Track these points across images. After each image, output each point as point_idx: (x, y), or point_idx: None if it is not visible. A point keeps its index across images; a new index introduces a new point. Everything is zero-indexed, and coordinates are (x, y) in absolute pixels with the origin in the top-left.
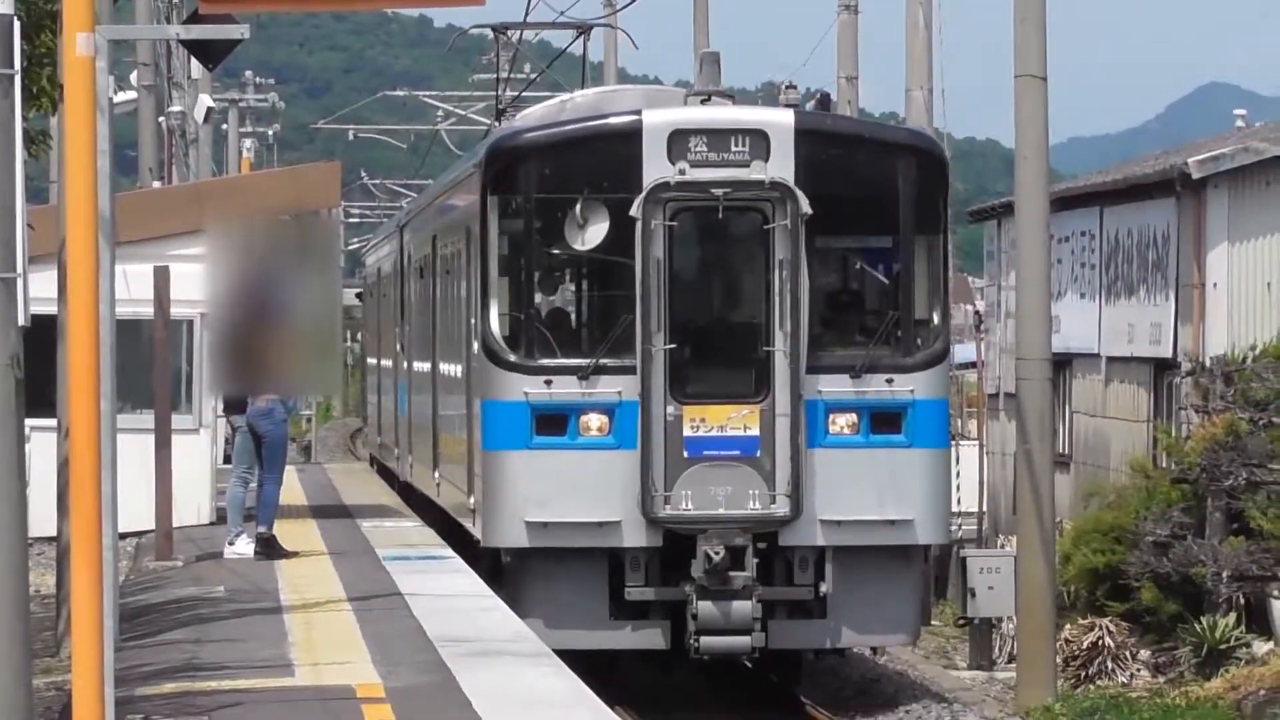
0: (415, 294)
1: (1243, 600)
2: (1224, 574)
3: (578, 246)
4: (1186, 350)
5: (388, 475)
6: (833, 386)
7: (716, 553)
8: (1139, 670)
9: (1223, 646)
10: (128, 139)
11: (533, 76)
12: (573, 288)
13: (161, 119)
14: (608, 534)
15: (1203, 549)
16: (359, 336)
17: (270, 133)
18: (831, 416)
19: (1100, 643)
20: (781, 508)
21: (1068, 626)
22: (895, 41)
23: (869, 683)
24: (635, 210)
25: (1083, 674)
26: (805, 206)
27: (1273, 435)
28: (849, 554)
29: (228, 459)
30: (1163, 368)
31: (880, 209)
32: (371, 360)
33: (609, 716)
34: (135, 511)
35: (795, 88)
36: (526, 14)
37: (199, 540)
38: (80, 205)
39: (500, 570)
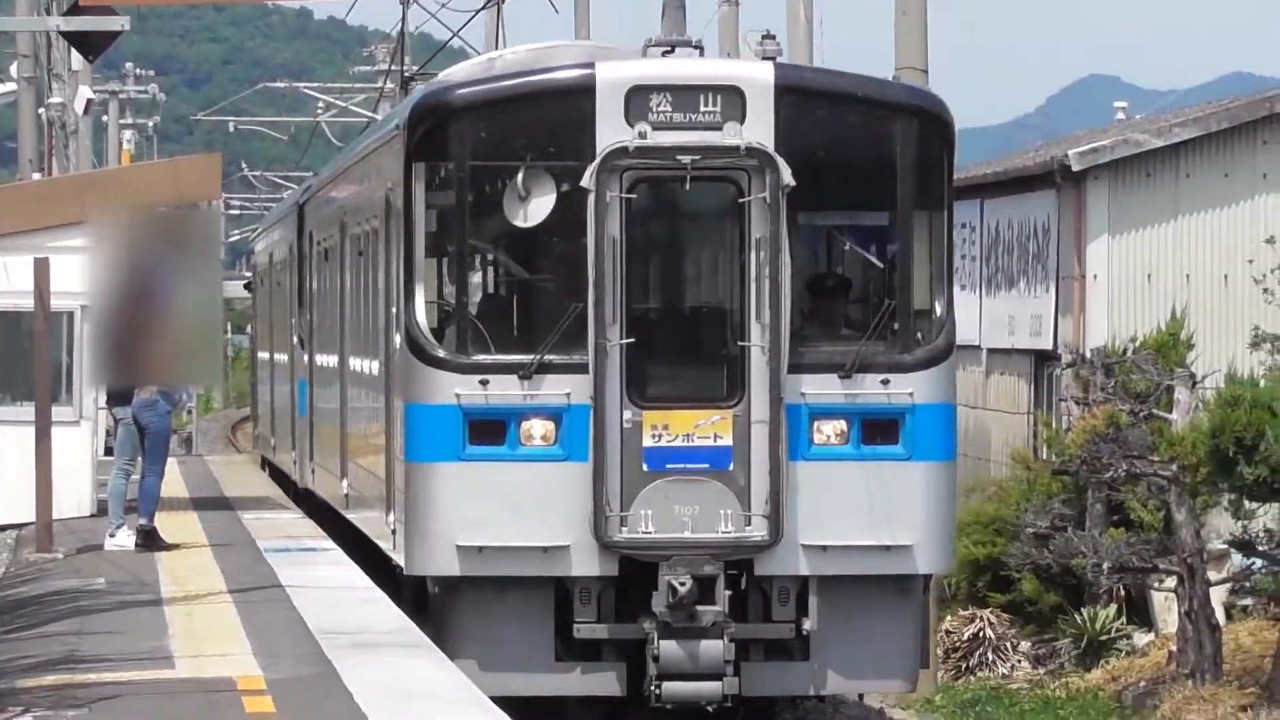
0: (318, 280)
1: (1123, 592)
2: (1104, 565)
3: (519, 223)
4: (1067, 342)
5: (283, 479)
6: (818, 388)
7: (682, 583)
8: (1020, 661)
9: (1103, 638)
10: (7, 130)
11: (442, 43)
12: (513, 272)
13: (41, 110)
14: (554, 561)
15: (1083, 540)
16: (248, 329)
17: (150, 124)
18: (817, 424)
19: (981, 634)
20: (758, 531)
21: (949, 618)
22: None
23: None
24: (587, 180)
25: (964, 665)
26: (787, 177)
27: (1153, 427)
28: (836, 585)
29: (109, 451)
30: (1043, 359)
31: (875, 180)
32: (263, 354)
33: (492, 710)
34: (15, 503)
35: (774, 37)
36: None
37: (80, 532)
38: None
39: (426, 602)
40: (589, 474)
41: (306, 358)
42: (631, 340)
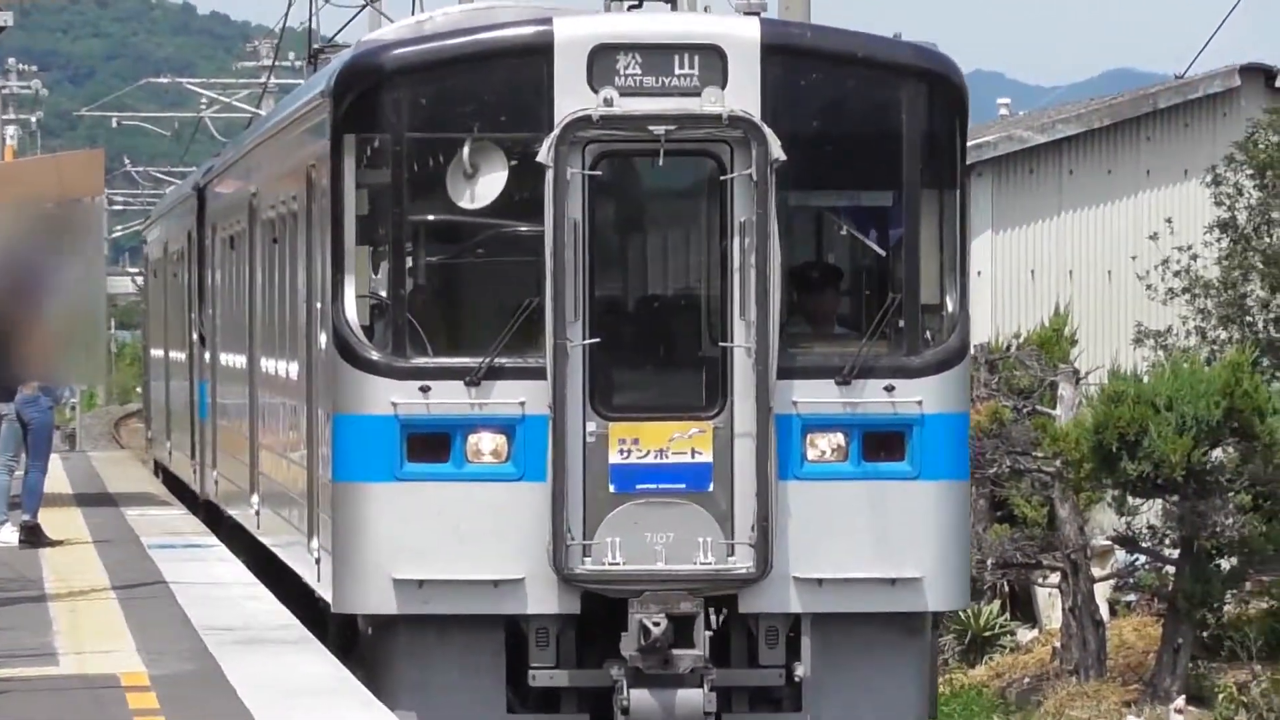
0: (222, 271)
1: (1007, 588)
2: (988, 561)
3: (465, 204)
4: None
5: (178, 487)
6: (812, 396)
7: (655, 623)
8: None
9: (987, 634)
10: None
11: (360, 6)
12: (458, 261)
13: None
14: (506, 597)
15: None
16: (139, 323)
17: (33, 120)
18: (810, 437)
19: None
20: (743, 562)
21: None
22: None
23: None
24: (545, 155)
25: None
26: (776, 150)
27: (1036, 423)
28: (833, 624)
29: None
30: None
31: (878, 154)
32: (156, 351)
33: (372, 704)
34: None
35: None
36: None
37: None
38: None
39: (355, 643)
40: (546, 496)
41: (208, 356)
42: (596, 340)
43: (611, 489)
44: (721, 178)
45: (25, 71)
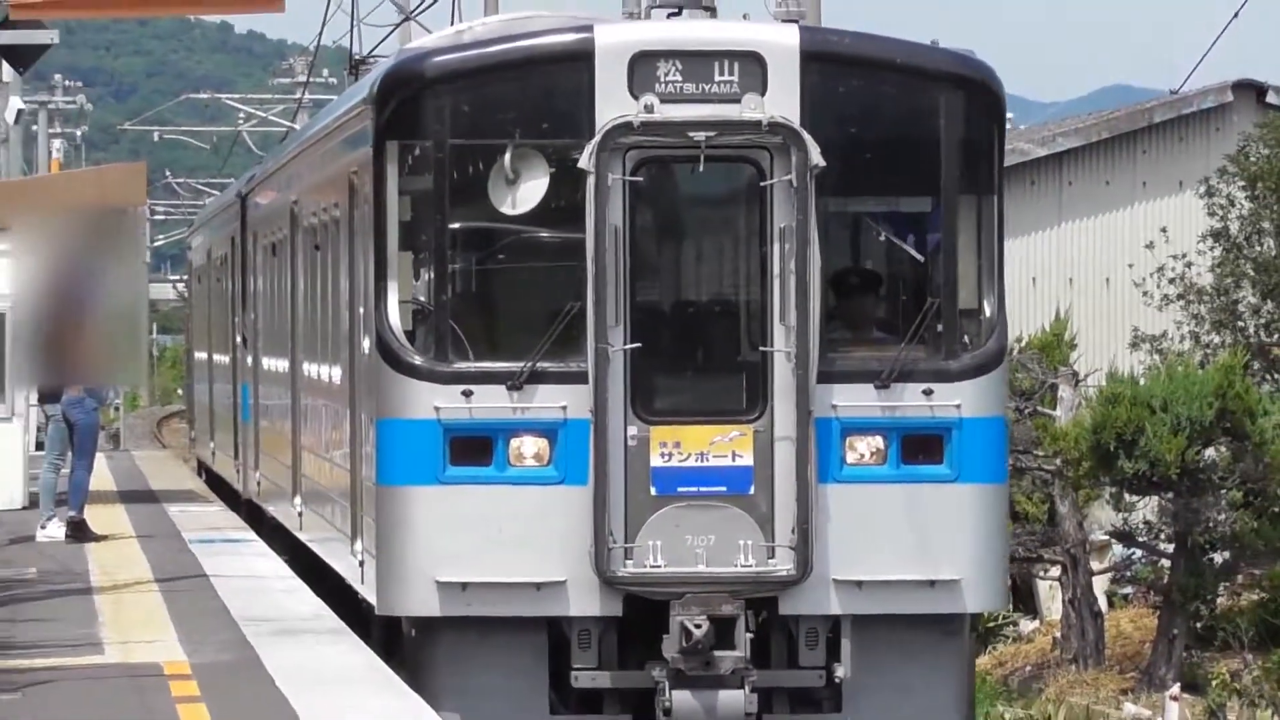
0: (264, 277)
1: (1010, 581)
2: None
3: (507, 210)
4: None
5: (219, 486)
6: (851, 400)
7: (697, 625)
8: None
9: (990, 625)
10: None
11: (399, 20)
12: (500, 266)
13: None
14: (548, 599)
15: None
16: (184, 327)
17: (78, 134)
18: (850, 440)
19: None
20: (783, 564)
21: None
22: None
23: None
24: (586, 161)
25: None
26: (816, 157)
27: (1037, 423)
28: (872, 626)
29: (40, 445)
30: None
31: (916, 161)
32: (200, 354)
33: (404, 692)
34: None
35: None
36: None
37: (11, 524)
38: None
39: (399, 643)
40: (588, 499)
41: (250, 360)
42: (637, 345)
43: (653, 492)
44: (761, 183)
45: (70, 88)
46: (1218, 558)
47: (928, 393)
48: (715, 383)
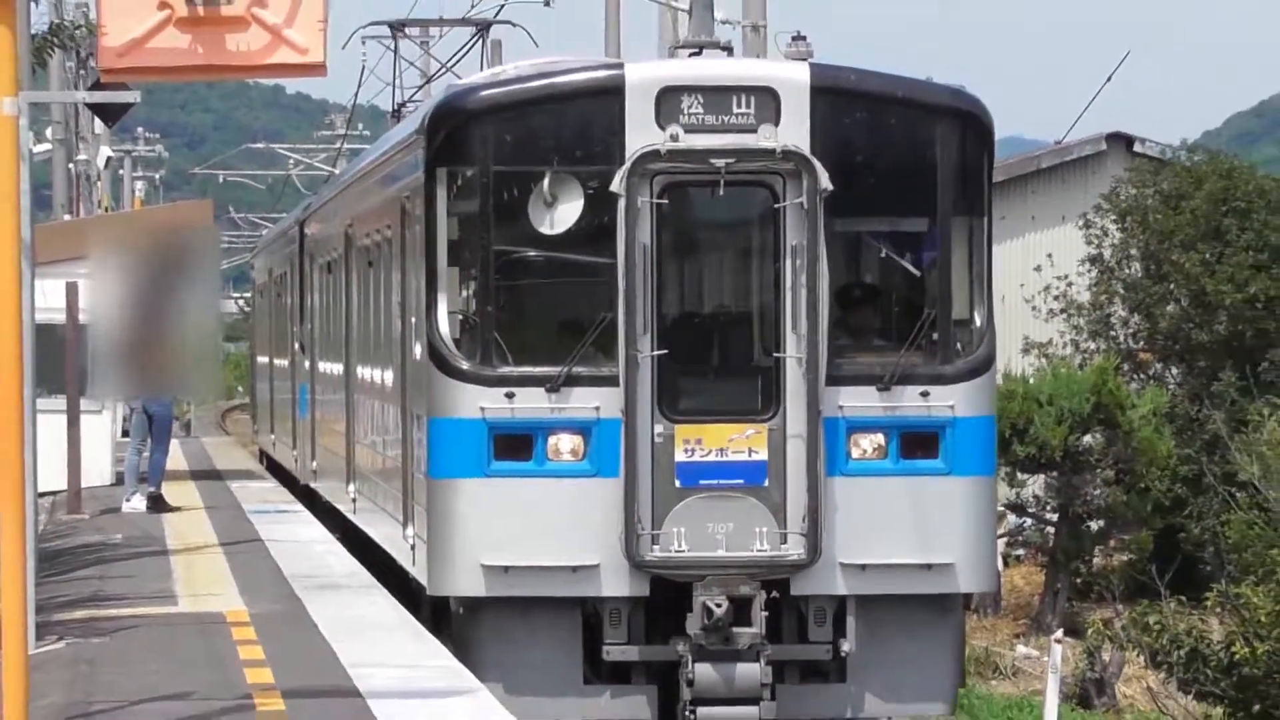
0: (320, 293)
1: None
2: None
3: (545, 230)
4: None
5: (278, 471)
6: (856, 401)
7: (717, 604)
8: None
9: None
10: (43, 181)
11: (436, 71)
12: (539, 280)
13: (70, 165)
14: (583, 581)
15: None
16: (248, 335)
17: (157, 177)
18: (854, 437)
19: None
20: (795, 549)
21: None
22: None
23: None
24: (617, 185)
25: None
26: (825, 181)
27: None
28: (875, 605)
29: (125, 433)
30: None
31: (915, 185)
32: (262, 359)
33: (424, 636)
34: (51, 475)
35: (804, 38)
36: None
37: (101, 498)
38: (6, 233)
39: (447, 619)
40: (619, 490)
41: (307, 364)
42: (663, 351)
43: (677, 484)
44: (775, 206)
45: (150, 138)
46: (1094, 525)
47: (925, 394)
48: (733, 385)
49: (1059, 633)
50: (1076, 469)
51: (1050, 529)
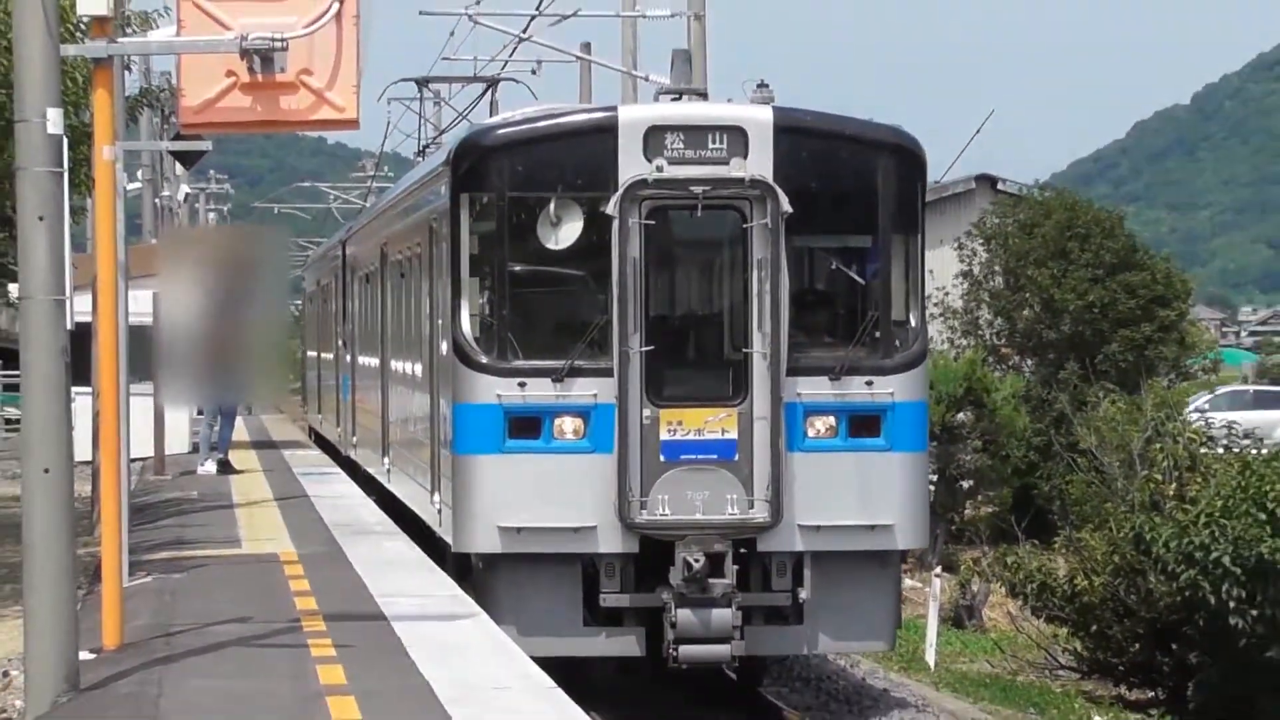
0: (359, 300)
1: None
2: None
3: (551, 246)
4: None
5: (324, 444)
6: (812, 389)
7: (696, 560)
8: None
9: None
10: (134, 212)
11: (451, 120)
12: (546, 288)
13: (156, 200)
14: (583, 540)
15: None
16: (299, 336)
17: (225, 209)
18: (810, 419)
19: None
20: (760, 513)
21: None
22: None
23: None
24: (611, 208)
25: None
26: (785, 205)
27: None
28: (827, 559)
29: (200, 411)
30: None
31: (860, 208)
32: (311, 353)
33: (436, 570)
34: (141, 444)
35: (767, 85)
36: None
37: (180, 463)
38: (105, 253)
39: (468, 572)
40: (614, 464)
41: (349, 358)
42: (651, 348)
43: (662, 459)
44: (744, 225)
45: (219, 178)
46: (965, 484)
47: (869, 383)
48: (708, 375)
49: (938, 569)
50: (952, 439)
51: (931, 487)
